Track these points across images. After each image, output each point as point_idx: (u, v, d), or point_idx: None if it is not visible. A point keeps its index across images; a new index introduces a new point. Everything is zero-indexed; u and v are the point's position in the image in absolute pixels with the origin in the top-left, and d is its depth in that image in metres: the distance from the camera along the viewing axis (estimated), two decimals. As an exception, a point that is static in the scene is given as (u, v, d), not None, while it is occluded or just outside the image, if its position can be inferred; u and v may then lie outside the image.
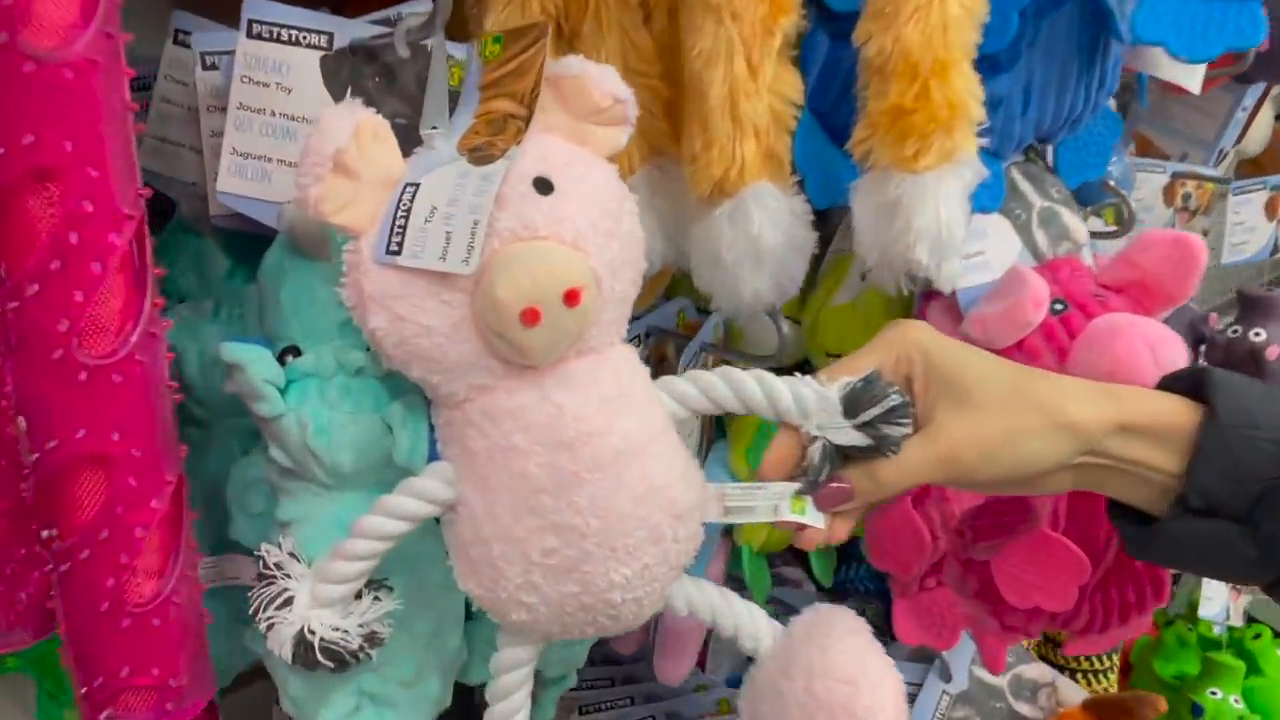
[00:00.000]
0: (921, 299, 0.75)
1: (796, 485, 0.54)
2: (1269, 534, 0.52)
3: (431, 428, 0.56)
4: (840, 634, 0.55)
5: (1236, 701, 1.05)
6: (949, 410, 0.54)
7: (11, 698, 0.85)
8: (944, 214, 0.58)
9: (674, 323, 0.81)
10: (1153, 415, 0.53)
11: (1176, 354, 0.64)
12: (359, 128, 0.49)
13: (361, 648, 0.55)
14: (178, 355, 0.65)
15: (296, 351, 0.57)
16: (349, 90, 0.59)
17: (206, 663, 0.59)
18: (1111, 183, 0.83)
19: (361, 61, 0.60)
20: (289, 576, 0.55)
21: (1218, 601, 1.10)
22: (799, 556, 0.99)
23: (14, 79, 0.44)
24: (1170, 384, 0.56)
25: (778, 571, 1.00)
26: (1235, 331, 0.97)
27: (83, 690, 0.55)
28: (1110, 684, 1.01)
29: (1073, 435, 0.53)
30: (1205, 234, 1.04)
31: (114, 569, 0.52)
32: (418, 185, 0.49)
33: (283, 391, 0.56)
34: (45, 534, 0.52)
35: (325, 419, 0.56)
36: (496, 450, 0.51)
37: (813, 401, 0.53)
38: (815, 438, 0.53)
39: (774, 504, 0.55)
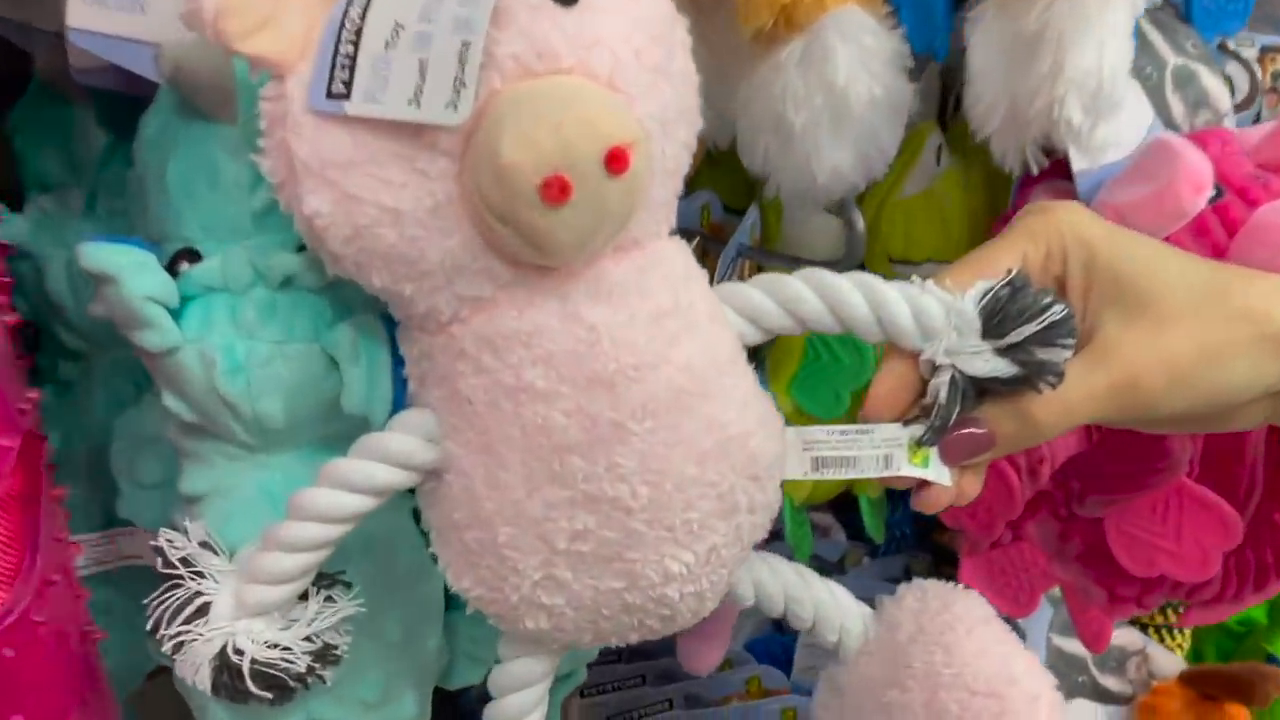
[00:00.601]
0: (1019, 186, 0.59)
1: (915, 430, 0.40)
2: None
3: (398, 362, 0.40)
4: (970, 626, 0.42)
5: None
6: (1122, 322, 0.40)
7: None
8: (1110, 50, 0.43)
9: (697, 222, 0.64)
10: None
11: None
12: None
13: (311, 669, 0.40)
14: (39, 264, 0.48)
15: (194, 255, 0.40)
16: None
17: (104, 696, 0.44)
18: (1231, 44, 0.67)
19: None
20: (202, 575, 0.39)
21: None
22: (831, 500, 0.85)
23: None
24: None
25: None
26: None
27: None
28: (1184, 639, 0.89)
29: None
30: (1306, 117, 0.89)
31: None
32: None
33: (177, 315, 0.39)
34: None
35: (241, 352, 0.39)
36: (502, 392, 0.36)
37: (940, 316, 0.38)
38: (941, 366, 0.39)
39: (884, 453, 0.40)
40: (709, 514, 0.38)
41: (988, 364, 0.38)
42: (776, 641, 0.82)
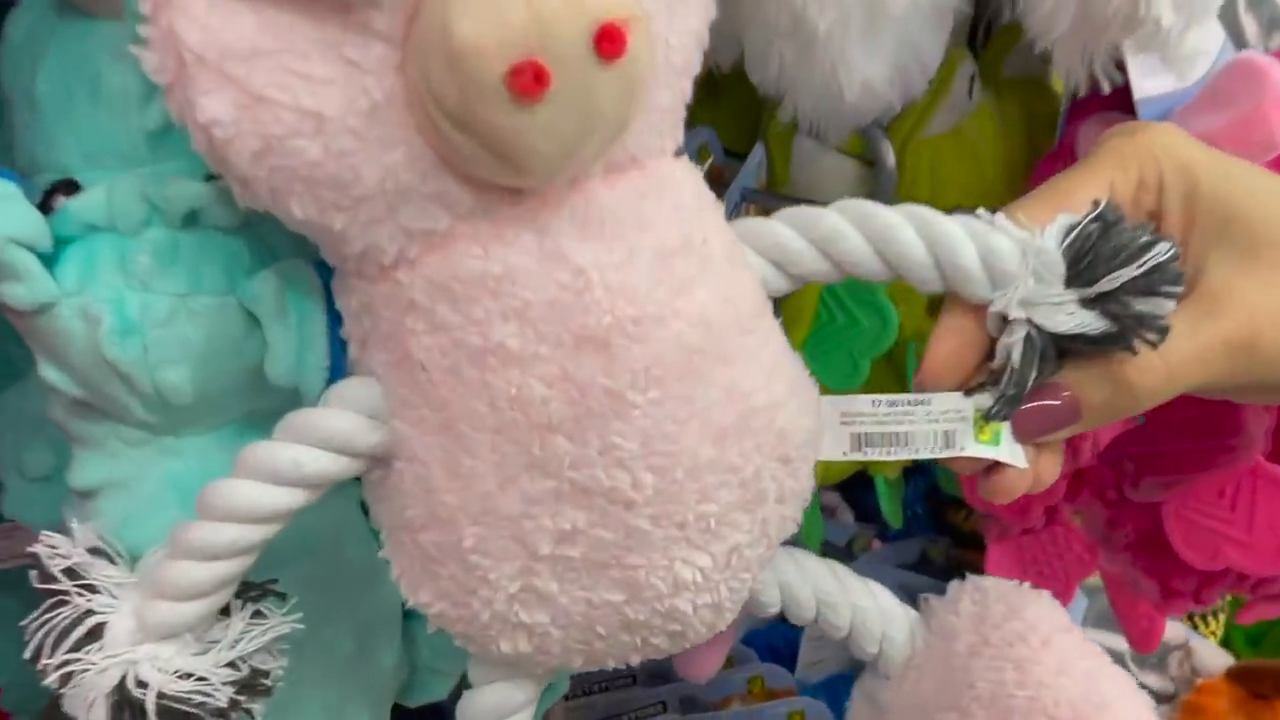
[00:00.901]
0: (1068, 115, 0.52)
1: (982, 400, 0.33)
2: None
3: (335, 319, 0.32)
4: (1046, 637, 0.36)
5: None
6: (1234, 265, 0.34)
7: None
8: None
9: (695, 156, 0.57)
10: None
11: None
12: None
13: (234, 702, 0.32)
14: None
15: (73, 187, 0.32)
16: None
17: None
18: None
19: None
20: (94, 590, 0.31)
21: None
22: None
23: None
24: None
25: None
26: None
27: None
28: (1218, 625, 0.83)
29: None
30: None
31: None
32: None
33: (51, 262, 0.31)
34: None
35: (134, 308, 0.31)
36: (464, 355, 0.28)
37: (1015, 258, 0.31)
38: (1015, 321, 0.31)
39: (943, 429, 0.33)
40: (730, 506, 0.31)
41: (1073, 318, 0.31)
42: (779, 633, 0.75)
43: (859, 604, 0.37)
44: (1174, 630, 0.73)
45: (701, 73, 0.33)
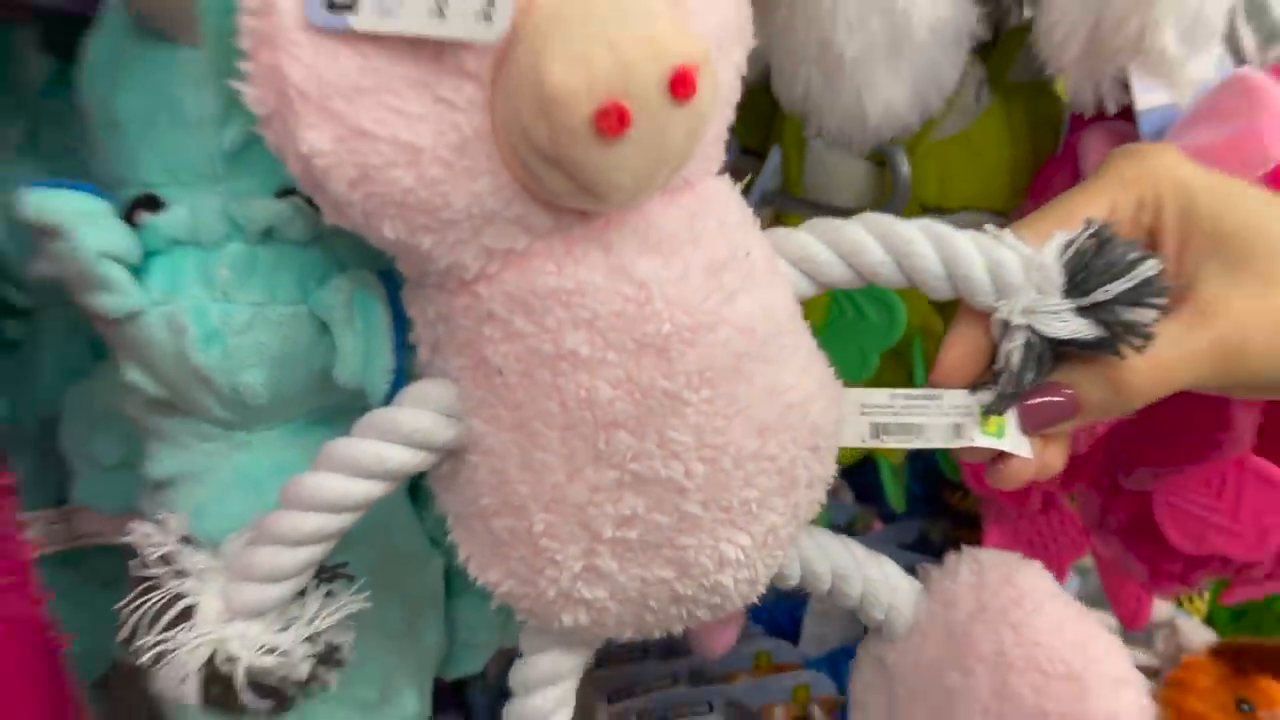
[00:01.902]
0: (1071, 122, 0.55)
1: (985, 397, 0.36)
2: None
3: (399, 325, 0.34)
4: (1039, 602, 0.39)
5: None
6: (1226, 277, 0.37)
7: None
8: None
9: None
10: None
11: None
12: None
13: (314, 675, 0.35)
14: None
15: (156, 203, 0.34)
16: None
17: (67, 699, 0.39)
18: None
19: None
20: (185, 574, 0.34)
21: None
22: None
23: None
24: None
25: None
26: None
27: None
28: (1203, 603, 0.86)
29: None
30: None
31: None
32: None
33: (138, 273, 0.33)
34: None
35: (215, 317, 0.34)
36: (538, 360, 0.31)
37: (1018, 271, 0.35)
38: (1016, 327, 0.35)
39: (954, 422, 0.37)
40: (769, 491, 0.34)
41: (1068, 325, 0.34)
42: (783, 610, 0.78)
43: (869, 575, 0.41)
44: (1160, 608, 0.75)
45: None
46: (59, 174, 0.41)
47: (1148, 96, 0.48)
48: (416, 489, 0.45)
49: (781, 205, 0.57)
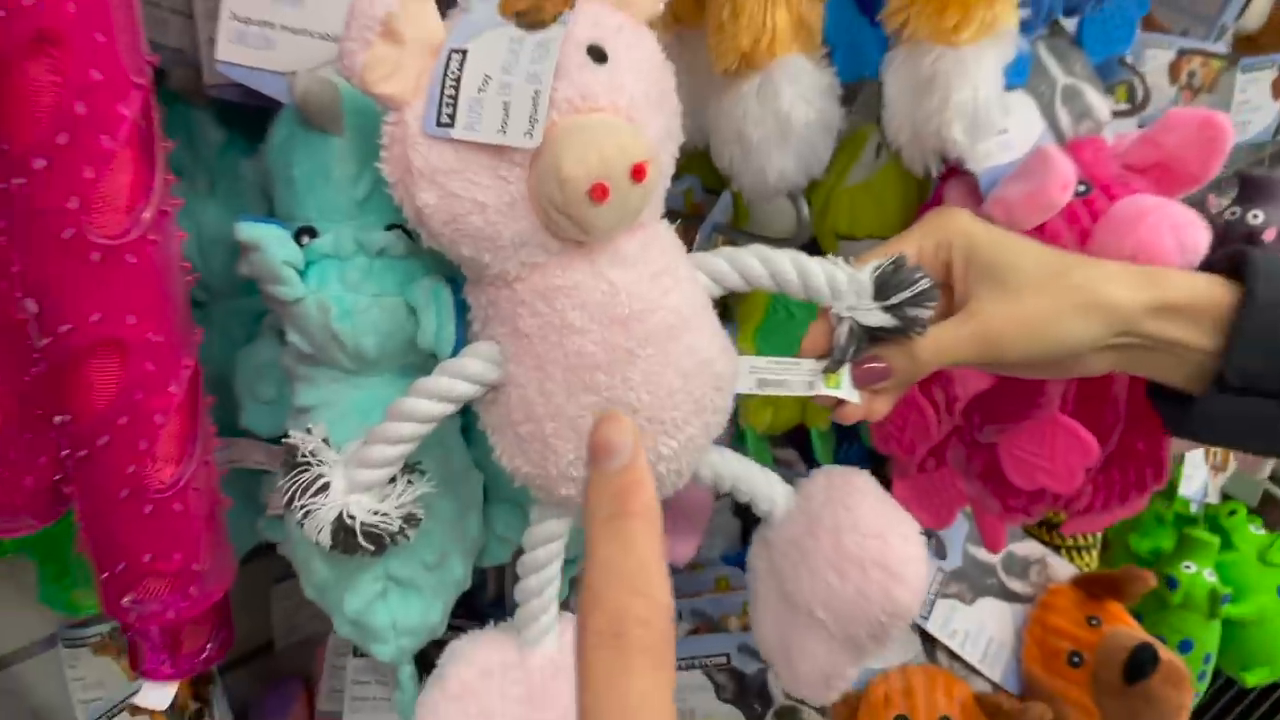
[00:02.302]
0: (939, 179, 0.73)
1: (827, 362, 0.55)
2: None
3: (459, 310, 0.54)
4: (865, 494, 0.58)
5: (1210, 575, 1.09)
6: (989, 291, 0.56)
7: (10, 580, 0.85)
8: (982, 90, 0.57)
9: (681, 202, 0.79)
10: (1191, 295, 0.54)
11: (1200, 238, 0.63)
12: None
13: (401, 529, 0.53)
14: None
15: (312, 233, 0.54)
16: None
17: (227, 548, 0.58)
18: (1128, 58, 0.81)
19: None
20: (322, 463, 0.53)
21: (1197, 480, 1.13)
22: (791, 438, 1.00)
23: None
24: (1207, 266, 0.56)
25: (773, 452, 1.01)
26: (1234, 213, 0.97)
27: (103, 575, 0.53)
28: (1092, 560, 1.05)
29: (1109, 315, 0.54)
30: (1208, 114, 1.03)
31: (133, 455, 0.51)
32: (465, 52, 0.46)
33: (301, 274, 0.54)
34: (58, 419, 0.50)
35: (348, 302, 0.54)
36: (550, 328, 0.50)
37: (844, 283, 0.54)
38: (844, 318, 0.54)
39: (808, 379, 0.56)
40: (688, 414, 0.52)
41: (876, 318, 0.53)
42: (740, 555, 0.97)
43: (757, 479, 0.59)
44: (1034, 549, 0.93)
45: (689, 142, 0.55)
46: (232, 210, 0.62)
47: (985, 162, 0.68)
48: (468, 429, 0.65)
49: (728, 234, 0.77)
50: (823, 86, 0.61)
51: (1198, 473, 1.11)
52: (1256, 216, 0.94)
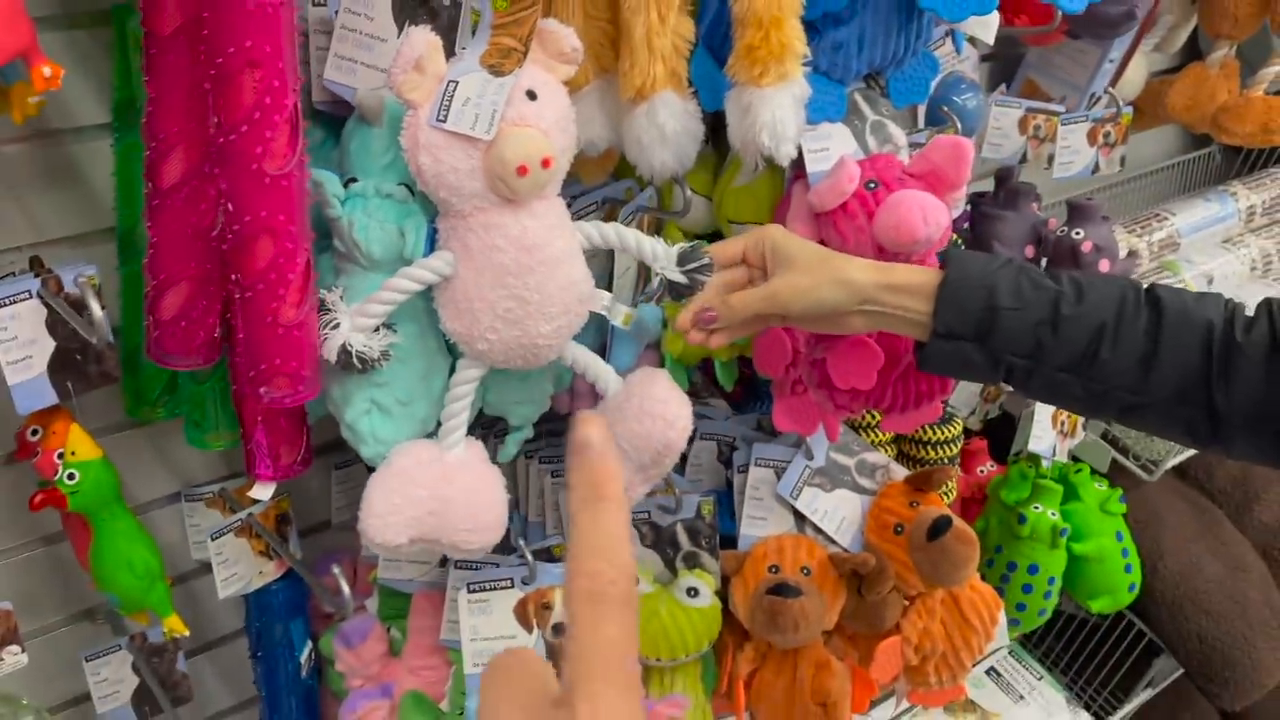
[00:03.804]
0: (790, 181, 1.05)
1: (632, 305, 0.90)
2: (991, 346, 0.84)
3: (432, 235, 0.88)
4: (659, 379, 0.92)
5: (1053, 515, 1.36)
6: (779, 271, 0.89)
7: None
8: (778, 114, 0.89)
9: (621, 194, 1.12)
10: (909, 278, 0.86)
11: (940, 216, 0.93)
12: (429, 44, 0.78)
13: (379, 358, 0.85)
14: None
15: (354, 180, 0.89)
16: (407, 22, 0.89)
17: (320, 367, 0.84)
18: (945, 108, 1.13)
19: (416, 4, 0.91)
20: (338, 312, 0.84)
21: (1045, 440, 1.40)
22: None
23: (238, 11, 0.71)
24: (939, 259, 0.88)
25: (705, 402, 1.33)
26: (1063, 231, 1.27)
27: (250, 374, 0.81)
28: (953, 491, 1.34)
29: (851, 288, 0.86)
30: (1050, 157, 1.32)
31: (274, 299, 0.78)
32: (457, 82, 0.81)
33: (342, 203, 0.88)
34: (234, 277, 0.78)
35: (364, 223, 0.87)
36: (485, 247, 0.83)
37: (661, 253, 0.88)
38: (659, 275, 0.88)
39: (625, 311, 0.90)
40: (561, 311, 0.85)
41: (675, 276, 0.86)
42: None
43: (599, 366, 0.92)
44: (880, 458, 1.21)
45: (617, 155, 0.91)
46: (325, 166, 0.98)
47: (815, 168, 1.00)
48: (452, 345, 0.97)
49: (650, 213, 1.11)
50: (687, 110, 0.93)
51: (1046, 434, 1.38)
52: (1078, 234, 1.24)
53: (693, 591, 1.11)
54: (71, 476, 0.92)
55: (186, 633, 1.05)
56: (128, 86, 0.92)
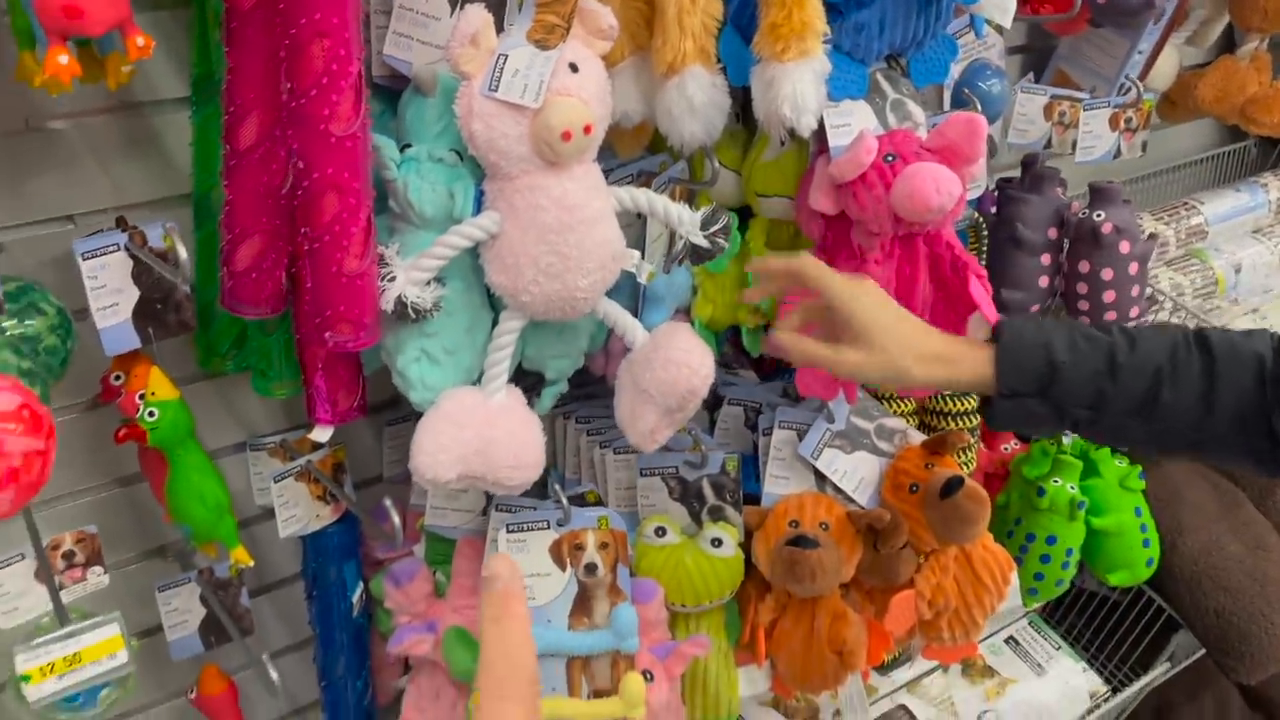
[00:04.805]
0: (814, 155, 1.12)
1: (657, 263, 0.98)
2: (1054, 399, 0.92)
3: (479, 197, 0.97)
4: (683, 330, 1.00)
5: (1072, 488, 1.41)
6: (852, 342, 0.97)
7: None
8: (799, 87, 0.95)
9: (656, 168, 1.19)
10: (966, 351, 0.95)
11: (953, 187, 1.00)
12: (483, 20, 0.87)
13: (431, 309, 0.95)
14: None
15: (409, 146, 0.98)
16: (460, 1, 0.97)
17: (380, 316, 0.92)
18: (969, 91, 1.19)
19: (468, -16, 1.00)
20: (394, 266, 0.92)
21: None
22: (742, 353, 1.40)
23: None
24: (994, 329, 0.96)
25: (734, 372, 1.40)
26: (1084, 213, 1.33)
27: (316, 320, 0.89)
28: (972, 462, 1.40)
29: (909, 378, 0.95)
30: (1074, 143, 1.37)
31: (339, 250, 0.87)
32: (507, 55, 0.89)
33: (398, 166, 0.97)
34: (303, 230, 0.87)
35: (418, 185, 0.96)
36: (529, 206, 0.92)
37: (686, 218, 0.97)
38: (682, 237, 0.97)
39: (649, 269, 0.98)
40: (596, 267, 0.95)
41: (701, 239, 0.95)
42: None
43: (630, 324, 1.00)
44: (899, 423, 1.27)
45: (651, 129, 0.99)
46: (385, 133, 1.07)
47: (836, 143, 1.07)
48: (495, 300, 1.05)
49: (681, 184, 1.18)
50: (714, 84, 1.00)
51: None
52: (1100, 215, 1.30)
53: (717, 542, 1.18)
54: (152, 414, 1.02)
55: (251, 562, 1.15)
56: (205, 62, 1.01)
